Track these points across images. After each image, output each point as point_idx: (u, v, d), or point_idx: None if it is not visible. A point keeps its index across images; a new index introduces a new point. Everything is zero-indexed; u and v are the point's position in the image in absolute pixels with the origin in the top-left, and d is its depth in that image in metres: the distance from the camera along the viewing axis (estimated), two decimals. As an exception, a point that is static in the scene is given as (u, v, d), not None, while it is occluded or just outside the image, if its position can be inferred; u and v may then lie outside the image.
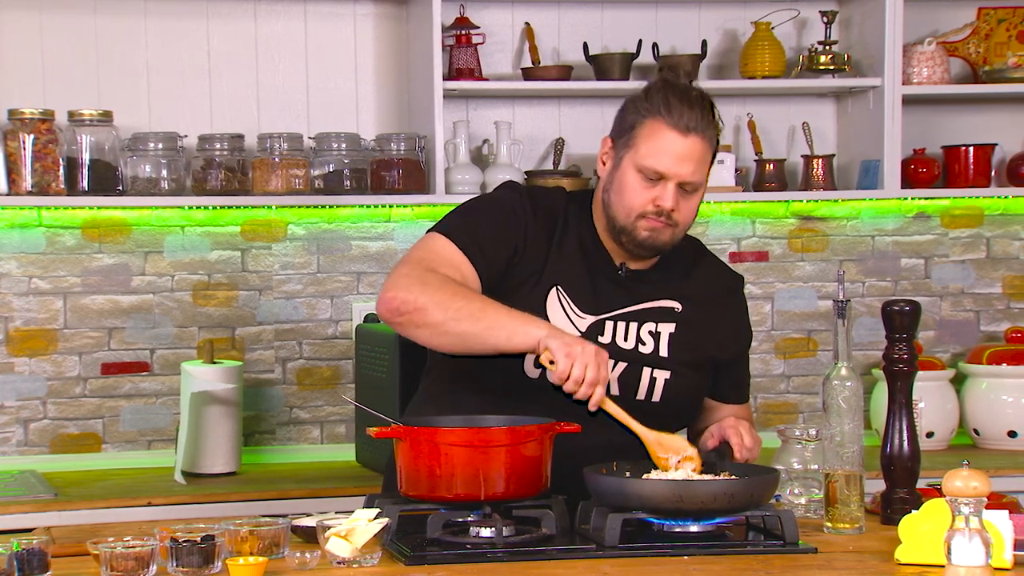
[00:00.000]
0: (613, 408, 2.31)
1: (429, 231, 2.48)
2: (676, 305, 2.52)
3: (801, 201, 4.04)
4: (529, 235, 2.47)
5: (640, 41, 3.92)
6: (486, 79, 3.84)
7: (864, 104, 3.96)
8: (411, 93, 3.87)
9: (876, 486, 2.45)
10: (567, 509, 2.24)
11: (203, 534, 2.02)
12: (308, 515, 2.26)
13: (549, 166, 3.96)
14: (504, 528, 2.14)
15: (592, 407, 2.27)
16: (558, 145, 3.95)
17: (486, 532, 2.14)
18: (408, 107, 3.88)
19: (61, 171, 3.54)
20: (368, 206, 3.82)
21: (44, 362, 3.71)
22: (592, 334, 2.44)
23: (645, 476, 2.26)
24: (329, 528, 2.06)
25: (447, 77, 3.74)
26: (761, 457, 2.56)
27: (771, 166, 3.97)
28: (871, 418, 3.79)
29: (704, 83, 3.91)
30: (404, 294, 2.34)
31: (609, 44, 3.97)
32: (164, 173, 3.62)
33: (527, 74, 3.88)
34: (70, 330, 3.72)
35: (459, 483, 2.15)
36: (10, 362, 3.69)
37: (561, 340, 2.26)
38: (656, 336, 2.49)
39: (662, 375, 2.47)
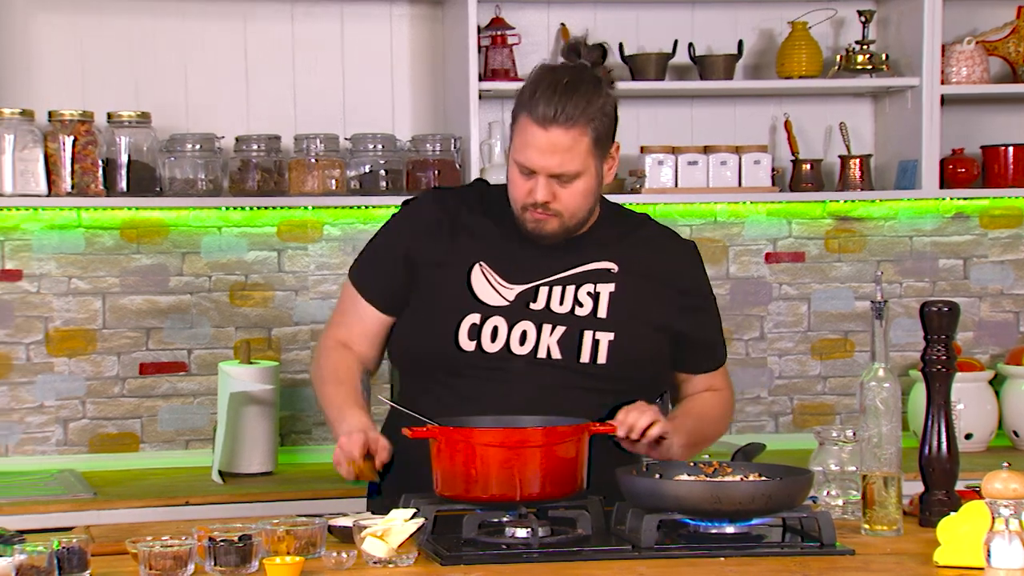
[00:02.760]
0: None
1: (351, 273, 2.63)
2: (612, 266, 2.51)
3: (838, 201, 4.02)
4: (426, 230, 2.52)
5: (676, 41, 3.91)
6: (521, 80, 3.81)
7: (902, 104, 3.94)
8: (446, 94, 3.87)
9: (914, 488, 2.43)
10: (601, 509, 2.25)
11: (240, 534, 2.03)
12: (344, 515, 2.27)
13: (584, 167, 3.95)
14: (539, 529, 2.14)
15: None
16: (593, 145, 3.93)
17: (521, 532, 2.14)
18: (443, 108, 3.88)
19: (100, 172, 3.57)
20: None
21: (83, 362, 3.74)
22: (522, 301, 2.46)
23: (678, 477, 2.26)
24: (365, 528, 2.06)
25: (482, 78, 3.74)
26: (798, 458, 2.54)
27: (807, 166, 3.95)
28: (909, 420, 3.77)
29: (740, 83, 3.94)
30: (310, 373, 2.68)
31: (645, 44, 3.97)
32: (201, 174, 3.64)
33: (562, 75, 3.87)
34: (108, 330, 3.75)
35: (494, 484, 2.15)
36: (50, 362, 3.72)
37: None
38: (595, 297, 2.48)
39: (605, 337, 2.46)
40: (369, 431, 2.36)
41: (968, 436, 3.77)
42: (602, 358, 2.46)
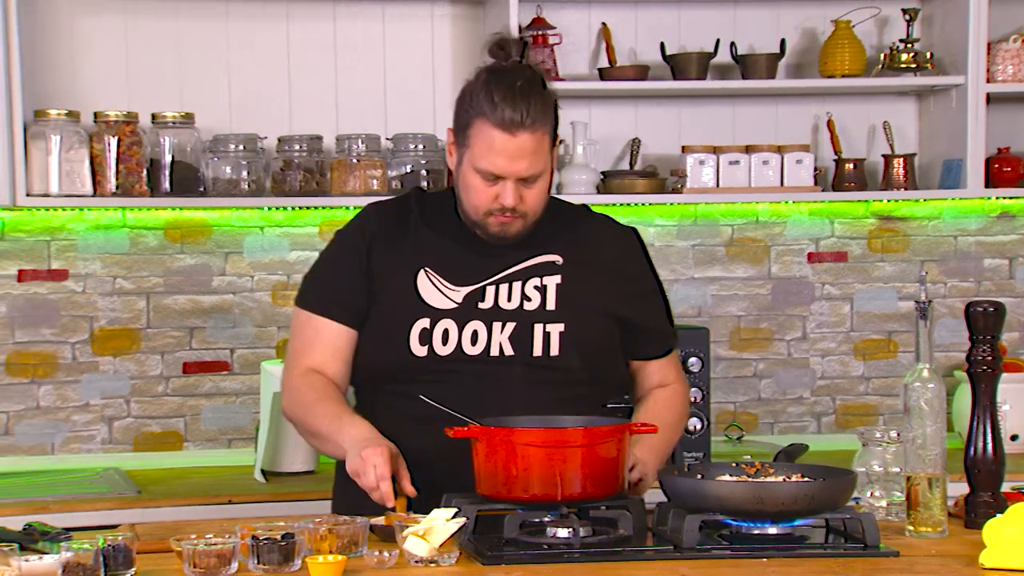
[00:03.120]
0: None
1: (299, 302, 2.56)
2: (556, 258, 2.50)
3: (881, 201, 3.99)
4: (373, 243, 2.50)
5: (718, 40, 3.90)
6: (562, 79, 3.83)
7: (947, 102, 3.91)
8: (488, 94, 3.87)
9: (959, 489, 2.41)
10: None
11: (283, 532, 2.04)
12: (385, 514, 2.27)
13: (625, 166, 3.95)
14: (581, 528, 2.14)
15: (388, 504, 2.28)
16: (634, 145, 3.94)
17: (563, 532, 2.14)
18: (485, 108, 3.88)
19: (144, 173, 3.60)
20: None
21: (128, 361, 3.77)
22: (470, 302, 2.45)
23: (720, 478, 2.25)
24: (407, 527, 2.07)
25: (524, 78, 3.74)
26: (840, 459, 2.53)
27: (850, 166, 3.93)
28: (953, 421, 3.74)
29: (782, 82, 3.92)
30: (283, 405, 2.58)
31: (686, 43, 3.96)
32: (244, 174, 3.66)
33: (604, 74, 3.87)
34: (152, 329, 3.78)
35: (535, 483, 2.15)
36: (95, 361, 3.75)
37: (351, 457, 2.32)
38: (542, 290, 2.48)
39: (556, 328, 2.45)
40: (388, 444, 2.33)
41: (1014, 437, 3.73)
42: (554, 350, 2.45)
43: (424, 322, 2.44)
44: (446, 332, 2.43)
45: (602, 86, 3.85)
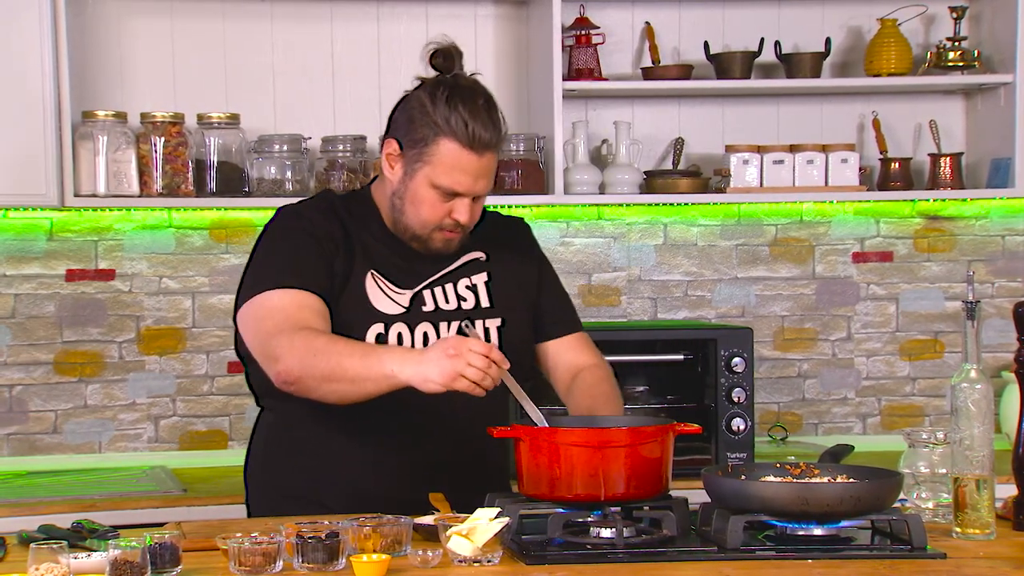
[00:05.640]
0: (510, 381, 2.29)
1: (253, 295, 2.41)
2: (481, 255, 2.57)
3: (927, 200, 3.96)
4: (335, 240, 2.46)
5: (762, 39, 3.88)
6: (605, 79, 3.83)
7: (995, 101, 3.87)
8: (530, 93, 3.88)
9: (1006, 491, 2.39)
10: None
11: (327, 531, 2.05)
12: (430, 513, 2.28)
13: (668, 166, 3.94)
14: (624, 529, 2.13)
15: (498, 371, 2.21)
16: (678, 145, 3.92)
17: (606, 533, 2.14)
18: (527, 107, 3.89)
19: (190, 173, 3.62)
20: (487, 207, 3.82)
21: (173, 360, 3.80)
22: (416, 306, 2.48)
23: (764, 478, 2.24)
24: (450, 527, 2.07)
25: (567, 77, 3.74)
26: (886, 460, 2.51)
27: (896, 165, 3.90)
28: (1001, 422, 3.70)
29: (827, 81, 3.89)
30: (280, 366, 2.31)
31: (730, 42, 3.94)
32: (288, 174, 3.68)
33: (647, 74, 3.86)
34: (198, 329, 3.81)
35: (579, 483, 2.15)
36: (141, 360, 3.78)
37: (428, 363, 2.20)
38: (473, 288, 2.54)
39: (494, 324, 2.52)
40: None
41: (1062, 439, 3.69)
42: (495, 343, 2.49)
43: (378, 327, 2.44)
44: (400, 336, 2.45)
45: (645, 86, 3.84)
